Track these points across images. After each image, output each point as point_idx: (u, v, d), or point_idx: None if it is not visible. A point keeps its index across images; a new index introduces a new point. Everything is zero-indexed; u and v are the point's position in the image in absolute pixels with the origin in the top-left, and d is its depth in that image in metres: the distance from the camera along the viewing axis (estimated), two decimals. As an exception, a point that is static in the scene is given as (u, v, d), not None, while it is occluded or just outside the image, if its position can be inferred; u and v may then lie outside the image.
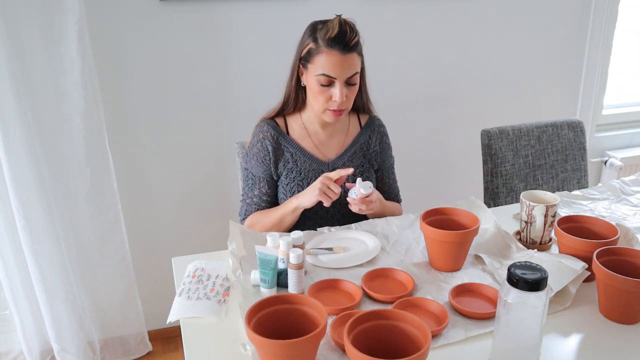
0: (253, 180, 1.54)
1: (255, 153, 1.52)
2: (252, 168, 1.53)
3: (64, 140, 1.84)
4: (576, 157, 2.03)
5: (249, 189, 1.55)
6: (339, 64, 1.37)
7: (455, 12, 2.24)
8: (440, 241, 1.23)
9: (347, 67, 1.38)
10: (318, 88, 1.40)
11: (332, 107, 1.42)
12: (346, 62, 1.37)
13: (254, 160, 1.52)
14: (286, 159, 1.51)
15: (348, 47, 1.36)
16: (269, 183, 1.53)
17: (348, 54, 1.37)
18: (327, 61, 1.37)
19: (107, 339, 2.17)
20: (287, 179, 1.51)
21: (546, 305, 0.90)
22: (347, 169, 1.37)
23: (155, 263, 2.18)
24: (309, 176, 1.51)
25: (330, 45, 1.36)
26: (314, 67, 1.39)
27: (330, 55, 1.36)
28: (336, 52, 1.36)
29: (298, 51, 1.46)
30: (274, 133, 1.50)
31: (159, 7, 1.88)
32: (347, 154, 1.54)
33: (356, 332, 0.88)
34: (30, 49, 1.72)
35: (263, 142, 1.50)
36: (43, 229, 1.86)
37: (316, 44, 1.38)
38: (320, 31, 1.38)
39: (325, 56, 1.37)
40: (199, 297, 1.16)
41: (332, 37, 1.35)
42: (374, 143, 1.58)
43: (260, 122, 1.54)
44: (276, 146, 1.50)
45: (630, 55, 2.82)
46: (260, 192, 1.54)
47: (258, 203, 1.54)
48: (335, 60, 1.36)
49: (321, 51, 1.37)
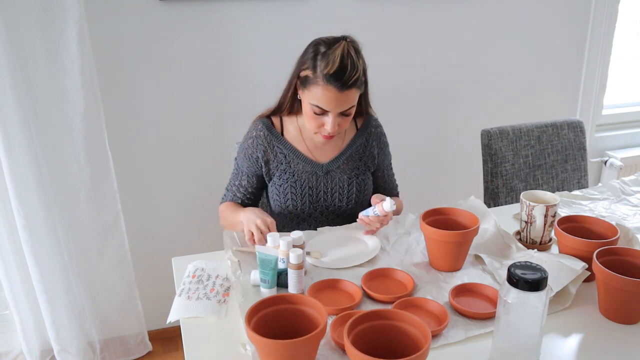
0: (237, 172, 1.57)
1: (245, 149, 1.52)
2: (239, 160, 1.55)
3: (64, 140, 1.84)
4: (576, 157, 2.03)
5: (232, 178, 1.59)
6: (333, 100, 1.32)
7: (455, 12, 2.24)
8: (440, 241, 1.23)
9: (342, 103, 1.33)
10: (311, 114, 1.37)
11: (324, 133, 1.41)
12: (342, 98, 1.32)
13: (242, 154, 1.53)
14: (279, 160, 1.50)
15: (346, 85, 1.30)
16: (249, 179, 1.54)
17: (345, 91, 1.31)
18: (323, 95, 1.32)
19: (107, 339, 2.17)
20: (281, 179, 1.50)
21: (546, 305, 0.90)
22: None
23: (155, 263, 2.18)
24: (302, 178, 1.50)
25: (327, 81, 1.30)
26: (310, 94, 1.35)
27: (327, 91, 1.31)
28: (333, 89, 1.30)
29: (297, 68, 1.40)
30: (267, 134, 1.49)
31: (159, 7, 1.88)
32: (342, 157, 1.53)
33: (356, 332, 0.88)
34: (30, 49, 1.72)
35: (255, 140, 1.50)
36: (43, 229, 1.86)
37: (314, 74, 1.32)
38: (321, 62, 1.31)
39: (321, 90, 1.32)
40: (199, 297, 1.16)
41: (330, 73, 1.29)
42: (371, 145, 1.56)
43: (257, 120, 1.53)
44: (268, 147, 1.49)
45: (630, 55, 2.82)
46: (240, 184, 1.56)
47: (235, 193, 1.57)
48: (331, 96, 1.31)
49: (318, 83, 1.32)
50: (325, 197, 1.51)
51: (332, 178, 1.51)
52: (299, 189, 1.49)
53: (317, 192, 1.51)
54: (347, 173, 1.52)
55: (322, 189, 1.51)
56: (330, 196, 1.52)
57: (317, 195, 1.51)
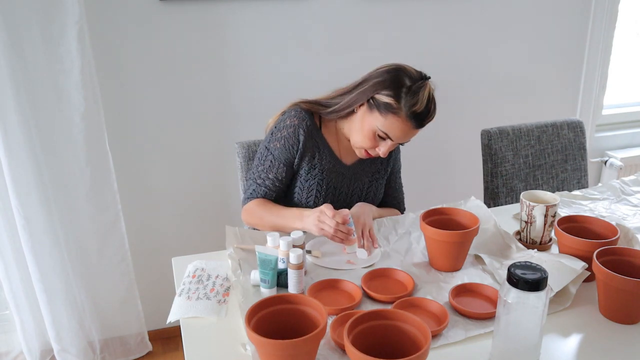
0: (272, 163, 1.45)
1: (285, 136, 1.43)
2: (275, 150, 1.45)
3: (64, 140, 1.84)
4: (576, 157, 2.03)
5: (264, 170, 1.46)
6: (407, 134, 1.36)
7: (455, 12, 2.24)
8: (440, 241, 1.23)
9: (410, 137, 1.38)
10: (371, 136, 1.37)
11: (372, 153, 1.42)
12: (412, 134, 1.37)
13: (280, 142, 1.44)
14: (313, 154, 1.46)
15: (423, 125, 1.35)
16: (287, 171, 1.46)
17: (419, 130, 1.37)
18: (399, 128, 1.34)
19: (107, 339, 2.17)
20: (308, 174, 1.46)
21: (546, 305, 0.90)
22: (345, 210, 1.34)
23: (155, 263, 2.18)
24: (330, 177, 1.48)
25: (410, 118, 1.32)
26: (382, 121, 1.34)
27: (405, 125, 1.33)
28: (411, 126, 1.34)
29: (372, 88, 1.35)
30: (310, 124, 1.44)
31: (159, 7, 1.88)
32: (367, 160, 1.52)
33: (356, 332, 0.88)
34: (30, 49, 1.72)
35: (297, 129, 1.43)
36: (43, 229, 1.86)
37: (398, 106, 1.31)
38: (408, 96, 1.31)
39: (400, 123, 1.33)
40: (199, 297, 1.16)
41: (417, 112, 1.31)
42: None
43: (296, 107, 1.46)
44: (309, 138, 1.44)
45: (630, 55, 2.82)
46: (276, 177, 1.46)
47: (270, 187, 1.47)
48: (406, 130, 1.35)
49: (399, 116, 1.32)
50: (344, 198, 1.51)
51: (355, 180, 1.52)
52: (324, 187, 1.47)
53: (339, 193, 1.50)
54: (368, 176, 1.54)
55: (345, 190, 1.51)
56: (350, 197, 1.52)
57: (338, 196, 1.50)
